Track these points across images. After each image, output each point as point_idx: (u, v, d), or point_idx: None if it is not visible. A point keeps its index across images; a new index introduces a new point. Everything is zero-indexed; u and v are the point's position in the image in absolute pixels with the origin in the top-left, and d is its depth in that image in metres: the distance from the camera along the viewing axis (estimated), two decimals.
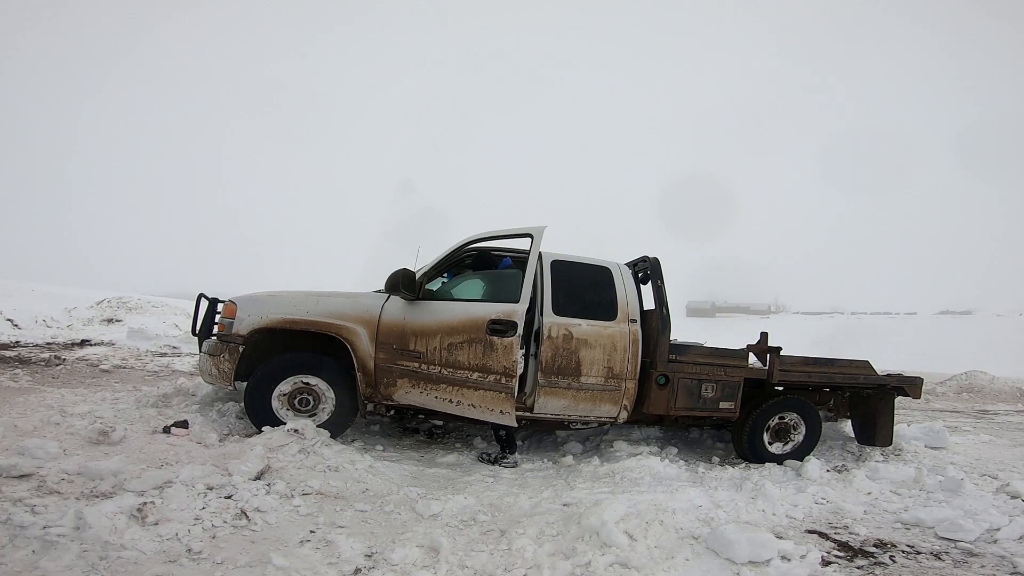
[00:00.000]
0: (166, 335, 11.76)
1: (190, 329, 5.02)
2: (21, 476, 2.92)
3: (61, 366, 7.65)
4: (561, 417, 4.62)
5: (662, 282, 4.78)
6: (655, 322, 4.68)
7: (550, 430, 5.20)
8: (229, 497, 2.96)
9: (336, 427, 4.37)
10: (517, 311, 4.21)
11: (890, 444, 5.24)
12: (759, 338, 5.19)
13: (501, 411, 4.21)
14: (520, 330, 4.20)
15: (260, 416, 4.29)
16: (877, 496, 4.04)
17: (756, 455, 4.89)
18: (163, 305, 17.83)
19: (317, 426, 4.17)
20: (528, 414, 4.53)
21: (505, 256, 4.93)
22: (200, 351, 4.72)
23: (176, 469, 3.19)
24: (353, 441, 4.54)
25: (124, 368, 7.85)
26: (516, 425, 4.36)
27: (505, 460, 4.51)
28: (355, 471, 3.52)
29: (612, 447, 4.86)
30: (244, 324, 4.35)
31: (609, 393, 4.55)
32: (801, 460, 4.78)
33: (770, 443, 4.96)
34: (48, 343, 10.15)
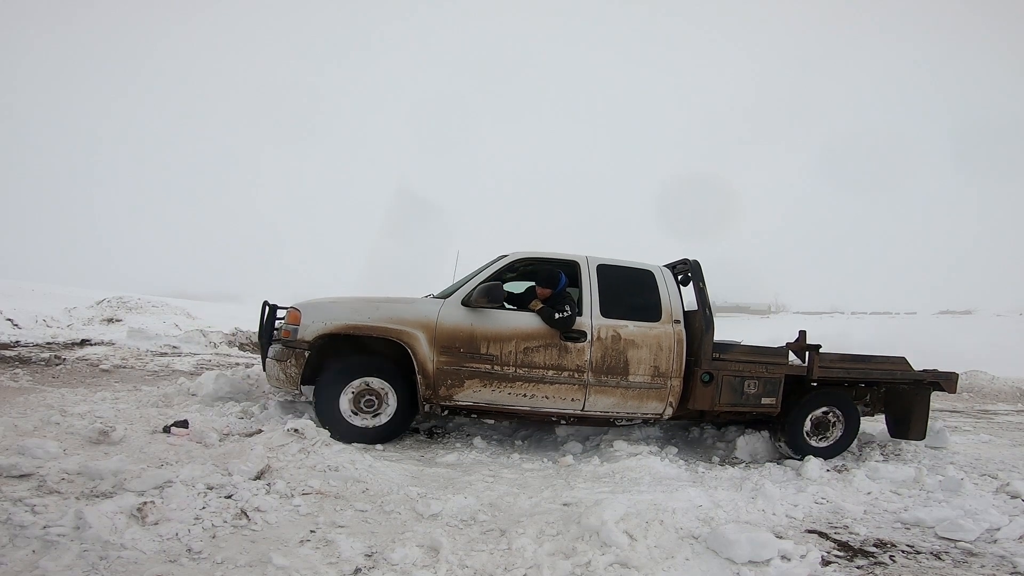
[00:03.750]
0: (166, 335, 11.76)
1: (257, 335, 5.24)
2: (21, 476, 2.92)
3: (61, 366, 7.65)
4: (609, 414, 4.84)
5: (703, 284, 5.00)
6: (698, 322, 4.90)
7: (596, 426, 5.24)
8: (229, 497, 2.96)
9: (397, 427, 4.66)
10: (585, 323, 4.73)
11: (924, 438, 5.42)
12: (797, 336, 5.38)
13: (572, 399, 4.72)
14: (591, 337, 4.70)
15: (329, 418, 4.49)
16: (877, 496, 4.04)
17: (797, 449, 5.04)
18: (163, 305, 17.83)
19: (380, 426, 4.57)
20: (577, 412, 4.77)
21: (559, 271, 5.02)
22: (265, 356, 4.87)
23: (176, 469, 3.18)
24: (353, 441, 4.55)
25: (124, 368, 7.85)
26: (583, 411, 4.75)
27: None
28: (355, 471, 3.52)
29: (612, 447, 4.86)
30: (309, 330, 4.53)
31: (656, 391, 4.79)
32: (839, 454, 5.07)
33: (810, 437, 5.10)
34: (48, 343, 10.15)
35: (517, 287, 5.45)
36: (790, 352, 5.23)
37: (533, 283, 5.12)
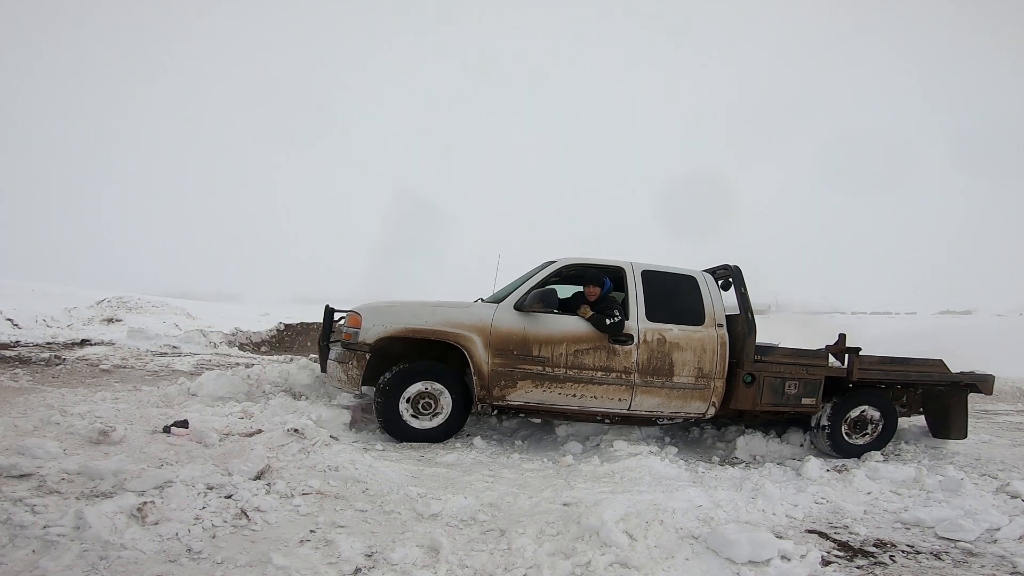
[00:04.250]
0: (166, 335, 11.78)
1: (319, 339, 5.42)
2: (21, 476, 2.92)
3: (61, 366, 7.66)
4: (654, 413, 5.01)
5: (745, 289, 5.16)
6: (740, 326, 5.11)
7: (640, 425, 5.38)
8: (229, 497, 2.96)
9: (451, 428, 4.84)
10: (632, 326, 4.90)
11: (965, 437, 5.58)
12: (837, 339, 5.53)
13: (620, 399, 4.89)
14: (637, 340, 4.86)
15: (389, 419, 4.69)
16: (877, 496, 4.04)
17: (837, 448, 5.18)
18: (163, 305, 17.86)
19: (436, 427, 4.76)
20: (624, 411, 4.95)
21: (603, 275, 5.19)
22: (325, 358, 5.13)
23: (176, 469, 3.19)
24: (353, 441, 4.54)
25: (124, 368, 7.85)
26: (628, 411, 4.93)
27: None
28: (355, 471, 3.51)
29: (612, 447, 4.86)
30: (370, 333, 4.70)
31: (699, 391, 4.97)
32: (878, 451, 5.19)
33: (849, 436, 5.24)
34: (48, 343, 10.16)
35: (563, 291, 5.58)
36: (829, 354, 5.40)
37: (580, 288, 5.32)
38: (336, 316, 5.42)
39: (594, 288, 5.00)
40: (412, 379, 4.72)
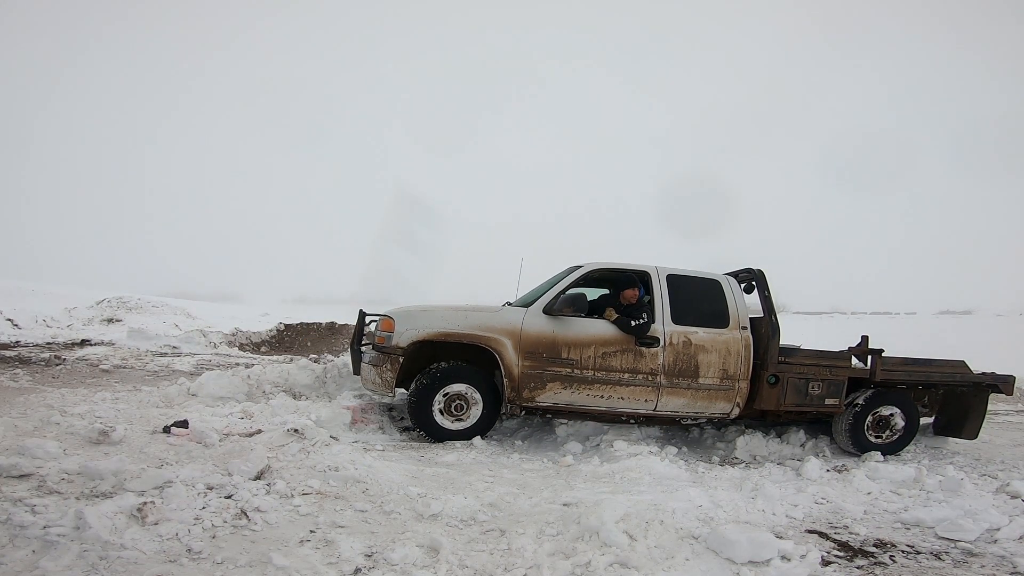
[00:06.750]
0: (166, 335, 11.78)
1: (351, 342, 5.51)
2: (21, 476, 2.92)
3: (61, 366, 7.65)
4: (679, 414, 5.12)
5: (768, 292, 5.27)
6: (764, 328, 5.21)
7: (665, 425, 5.48)
8: (229, 497, 2.96)
9: (482, 428, 4.97)
10: (659, 329, 5.00)
11: (976, 438, 5.63)
12: (859, 341, 5.62)
13: (646, 400, 4.99)
14: (664, 342, 4.96)
15: (423, 421, 4.85)
16: (877, 496, 4.04)
17: (859, 446, 5.26)
18: (163, 305, 17.86)
19: (468, 428, 4.89)
20: (650, 411, 5.05)
21: (635, 280, 5.27)
22: (357, 361, 5.28)
23: (176, 469, 3.19)
24: (353, 441, 4.54)
25: (124, 368, 7.85)
26: (655, 411, 5.02)
27: None
28: (355, 471, 3.51)
29: (612, 447, 4.86)
30: (404, 337, 4.82)
31: (724, 392, 5.07)
32: (899, 451, 5.32)
33: (872, 435, 5.32)
34: (48, 343, 10.16)
35: (589, 295, 5.63)
36: (852, 355, 5.47)
37: (606, 291, 5.46)
38: (368, 320, 5.51)
39: (633, 291, 5.08)
40: (444, 381, 4.85)
